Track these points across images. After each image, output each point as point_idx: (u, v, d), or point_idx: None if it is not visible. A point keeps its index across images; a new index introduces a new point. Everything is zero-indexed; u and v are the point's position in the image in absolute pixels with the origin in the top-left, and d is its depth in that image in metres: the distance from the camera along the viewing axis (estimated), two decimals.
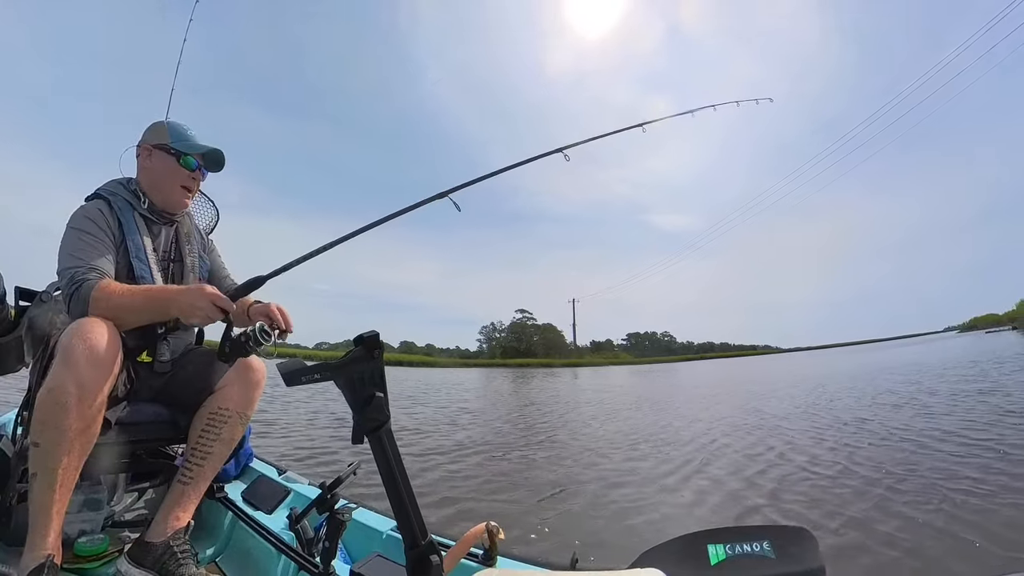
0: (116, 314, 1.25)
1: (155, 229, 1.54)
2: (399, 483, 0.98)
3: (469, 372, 42.83)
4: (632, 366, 61.63)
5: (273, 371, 1.11)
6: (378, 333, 0.97)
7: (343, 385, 0.95)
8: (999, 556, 2.53)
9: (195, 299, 1.26)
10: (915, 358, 21.27)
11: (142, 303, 1.29)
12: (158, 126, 1.56)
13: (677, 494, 3.97)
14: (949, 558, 2.58)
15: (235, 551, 1.68)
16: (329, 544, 1.26)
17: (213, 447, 1.43)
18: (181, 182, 1.53)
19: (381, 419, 0.96)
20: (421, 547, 0.96)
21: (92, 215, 1.40)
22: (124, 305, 1.26)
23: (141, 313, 1.30)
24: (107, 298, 1.25)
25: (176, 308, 1.27)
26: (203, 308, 1.25)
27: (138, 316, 1.30)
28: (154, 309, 1.30)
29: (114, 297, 1.26)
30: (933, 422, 6.35)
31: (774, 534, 0.89)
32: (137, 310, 1.29)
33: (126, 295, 1.28)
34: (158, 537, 1.36)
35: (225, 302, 1.26)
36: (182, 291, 1.32)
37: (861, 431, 6.20)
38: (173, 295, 1.30)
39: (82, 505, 1.51)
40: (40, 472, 1.13)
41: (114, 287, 1.28)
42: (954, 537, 2.82)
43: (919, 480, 3.94)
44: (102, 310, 1.23)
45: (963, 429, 5.69)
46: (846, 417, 7.35)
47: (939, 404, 7.91)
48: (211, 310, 1.25)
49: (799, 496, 3.77)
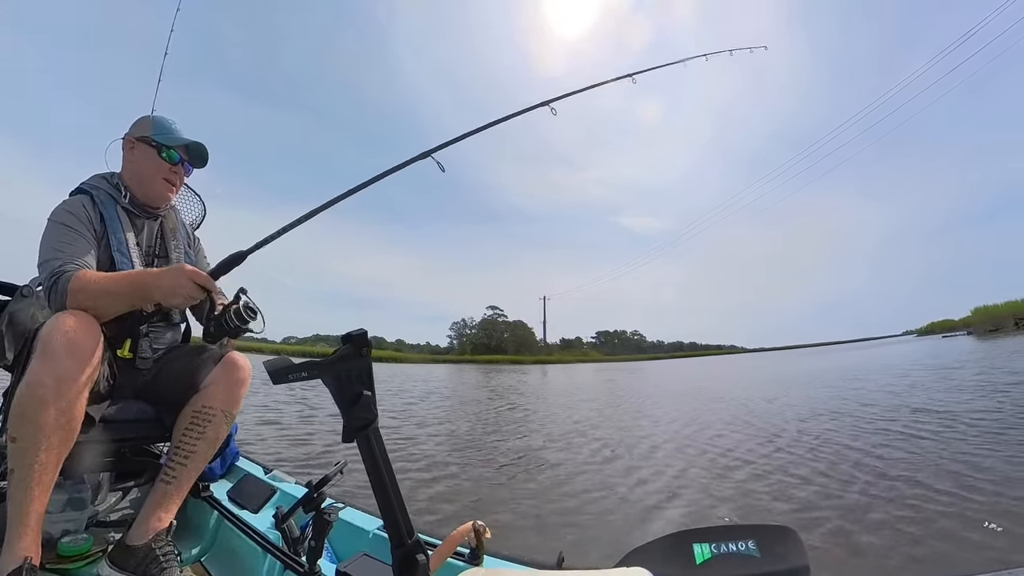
0: (96, 302, 1.23)
1: (138, 223, 1.53)
2: (386, 482, 0.98)
3: (439, 368, 43.42)
4: (600, 363, 62.16)
5: (260, 369, 1.10)
6: (366, 331, 0.97)
7: (331, 383, 0.94)
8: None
9: (175, 278, 1.24)
10: (859, 361, 22.02)
11: (121, 287, 1.27)
12: (143, 120, 1.55)
13: (661, 493, 4.04)
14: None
15: (220, 551, 1.66)
16: (315, 543, 1.26)
17: (197, 446, 1.41)
18: (163, 175, 1.52)
19: (369, 418, 0.96)
20: (408, 546, 0.95)
21: (74, 209, 1.38)
22: (103, 291, 1.24)
23: (121, 297, 1.27)
24: (85, 287, 1.23)
25: (157, 291, 1.26)
26: (184, 287, 1.24)
27: (118, 301, 1.27)
28: (135, 293, 1.27)
29: (92, 284, 1.24)
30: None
31: (760, 533, 0.89)
32: (117, 294, 1.26)
33: (104, 280, 1.26)
34: (140, 540, 1.34)
35: (206, 280, 1.25)
36: (162, 273, 1.29)
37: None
38: (153, 278, 1.28)
39: (65, 504, 1.48)
40: (17, 468, 1.11)
41: (92, 275, 1.26)
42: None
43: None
44: (81, 300, 1.22)
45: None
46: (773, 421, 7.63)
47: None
48: (192, 288, 1.25)
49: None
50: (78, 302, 1.22)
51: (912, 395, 8.61)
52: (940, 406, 7.06)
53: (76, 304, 1.21)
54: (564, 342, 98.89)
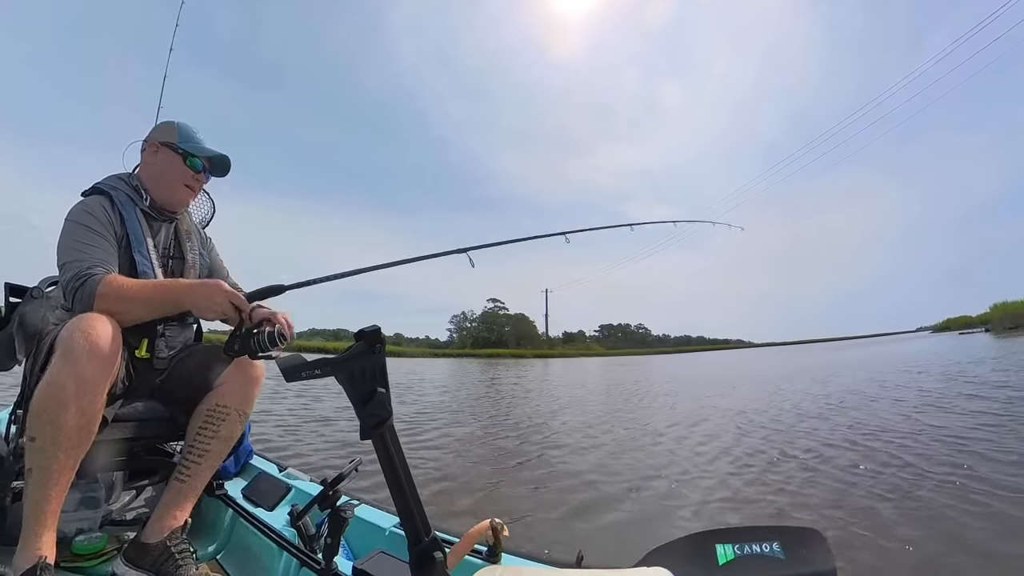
0: (126, 307, 1.24)
1: (155, 226, 1.54)
2: (402, 479, 0.97)
3: (439, 362, 42.13)
4: (604, 358, 61.63)
5: (272, 367, 1.10)
6: (379, 327, 0.96)
7: (344, 381, 0.94)
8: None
9: (212, 294, 1.25)
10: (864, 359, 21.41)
11: (153, 295, 1.28)
12: (167, 125, 1.57)
13: (683, 492, 3.95)
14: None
15: (236, 548, 1.67)
16: (332, 541, 1.26)
17: (211, 444, 1.41)
18: (185, 181, 1.55)
19: (383, 415, 0.95)
20: (425, 544, 0.94)
21: (93, 209, 1.39)
22: (134, 298, 1.25)
23: (153, 306, 1.28)
24: (115, 292, 1.24)
25: (190, 301, 1.26)
26: (220, 304, 1.24)
27: (149, 309, 1.28)
28: (166, 302, 1.28)
29: (123, 290, 1.25)
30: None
31: (784, 535, 0.87)
32: (148, 302, 1.27)
33: (136, 288, 1.27)
34: (155, 537, 1.34)
35: (242, 302, 1.25)
36: (196, 284, 1.30)
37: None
38: (186, 288, 1.29)
39: (79, 503, 1.50)
40: (35, 468, 1.12)
41: (122, 280, 1.27)
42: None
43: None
44: (110, 303, 1.22)
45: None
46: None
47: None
48: (227, 308, 1.25)
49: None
50: (106, 305, 1.22)
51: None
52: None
53: (103, 307, 1.21)
54: (566, 336, 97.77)
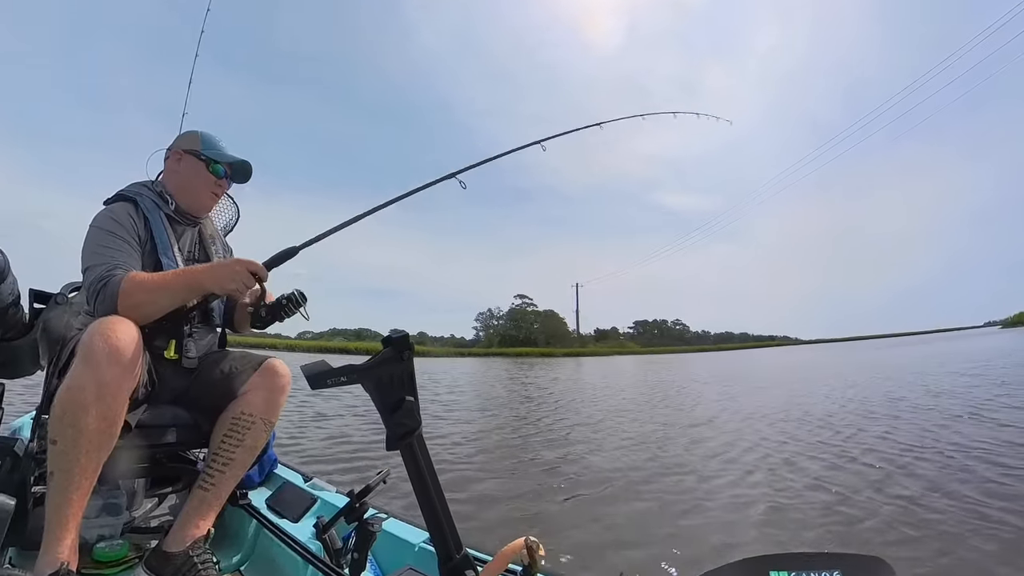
0: (151, 298, 1.26)
1: (179, 230, 1.56)
2: (432, 493, 0.93)
3: (465, 361, 41.05)
4: (639, 356, 59.81)
5: (297, 373, 1.07)
6: (407, 333, 0.92)
7: (371, 389, 0.91)
8: None
9: (230, 265, 1.32)
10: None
11: (174, 281, 1.31)
12: (191, 134, 1.60)
13: (739, 512, 3.68)
14: None
15: (260, 560, 1.63)
16: (358, 555, 1.22)
17: (235, 453, 1.39)
18: (209, 187, 1.57)
19: (412, 425, 0.91)
20: (456, 561, 0.91)
21: (118, 215, 1.40)
22: (156, 287, 1.27)
23: (176, 292, 1.30)
24: (138, 285, 1.25)
25: (211, 280, 1.31)
26: (239, 274, 1.30)
27: (172, 296, 1.30)
28: (189, 286, 1.32)
29: (145, 283, 1.26)
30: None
31: (846, 563, 0.79)
32: (170, 289, 1.29)
33: (157, 278, 1.30)
34: (177, 546, 1.32)
35: (260, 269, 1.33)
36: (214, 264, 1.38)
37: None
38: (205, 269, 1.34)
39: (101, 510, 1.49)
40: (57, 471, 1.11)
41: (143, 275, 1.29)
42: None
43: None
44: (134, 299, 1.23)
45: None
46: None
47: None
48: (246, 277, 1.31)
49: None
50: (131, 300, 1.23)
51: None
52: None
53: (128, 302, 1.23)
54: (599, 333, 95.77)
